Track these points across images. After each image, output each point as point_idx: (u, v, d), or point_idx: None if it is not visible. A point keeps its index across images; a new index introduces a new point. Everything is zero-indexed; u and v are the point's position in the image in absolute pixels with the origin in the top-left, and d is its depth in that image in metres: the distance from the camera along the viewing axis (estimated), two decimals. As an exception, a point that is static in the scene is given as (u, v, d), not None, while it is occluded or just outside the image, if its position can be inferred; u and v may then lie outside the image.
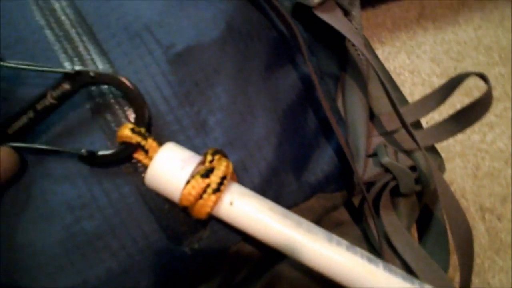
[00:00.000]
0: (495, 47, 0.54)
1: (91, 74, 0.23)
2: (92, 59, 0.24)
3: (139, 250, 0.24)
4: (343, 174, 0.28)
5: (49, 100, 0.23)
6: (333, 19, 0.29)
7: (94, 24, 0.25)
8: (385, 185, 0.29)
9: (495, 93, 0.52)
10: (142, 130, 0.23)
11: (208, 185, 0.22)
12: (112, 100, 0.24)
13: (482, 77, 0.28)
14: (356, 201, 0.30)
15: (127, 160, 0.24)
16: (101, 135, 0.24)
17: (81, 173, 0.24)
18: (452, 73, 0.53)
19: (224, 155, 0.23)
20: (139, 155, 0.24)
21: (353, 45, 0.31)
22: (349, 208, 0.30)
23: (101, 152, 0.23)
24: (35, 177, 0.24)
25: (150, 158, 0.23)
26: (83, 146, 0.24)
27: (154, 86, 0.24)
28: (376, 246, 0.28)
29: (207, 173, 0.22)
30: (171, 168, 0.22)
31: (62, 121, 0.24)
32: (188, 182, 0.22)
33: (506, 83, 0.52)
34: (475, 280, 0.43)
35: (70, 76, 0.23)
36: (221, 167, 0.22)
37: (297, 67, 0.28)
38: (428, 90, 0.47)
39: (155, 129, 0.24)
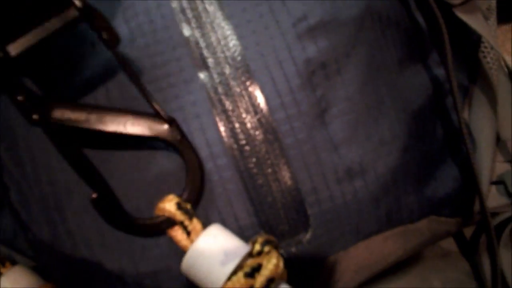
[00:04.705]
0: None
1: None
2: (211, 23, 0.22)
3: None
4: (463, 198, 0.25)
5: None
6: (474, 21, 0.25)
7: None
8: (509, 219, 0.25)
9: None
10: (189, 206, 0.20)
11: (251, 287, 0.18)
12: (236, 87, 0.22)
13: None
14: (467, 232, 0.27)
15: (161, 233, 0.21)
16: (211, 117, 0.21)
17: None
18: None
19: (276, 246, 0.20)
20: (177, 234, 0.20)
21: (485, 56, 0.27)
22: (458, 239, 0.26)
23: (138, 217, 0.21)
24: None
25: (191, 241, 0.20)
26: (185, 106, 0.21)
27: (275, 61, 0.21)
28: (487, 286, 0.24)
29: (252, 272, 0.18)
30: (211, 261, 0.19)
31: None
32: (229, 278, 0.19)
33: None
34: None
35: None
36: (269, 265, 0.19)
37: (429, 68, 0.25)
38: None
39: (269, 109, 0.21)
